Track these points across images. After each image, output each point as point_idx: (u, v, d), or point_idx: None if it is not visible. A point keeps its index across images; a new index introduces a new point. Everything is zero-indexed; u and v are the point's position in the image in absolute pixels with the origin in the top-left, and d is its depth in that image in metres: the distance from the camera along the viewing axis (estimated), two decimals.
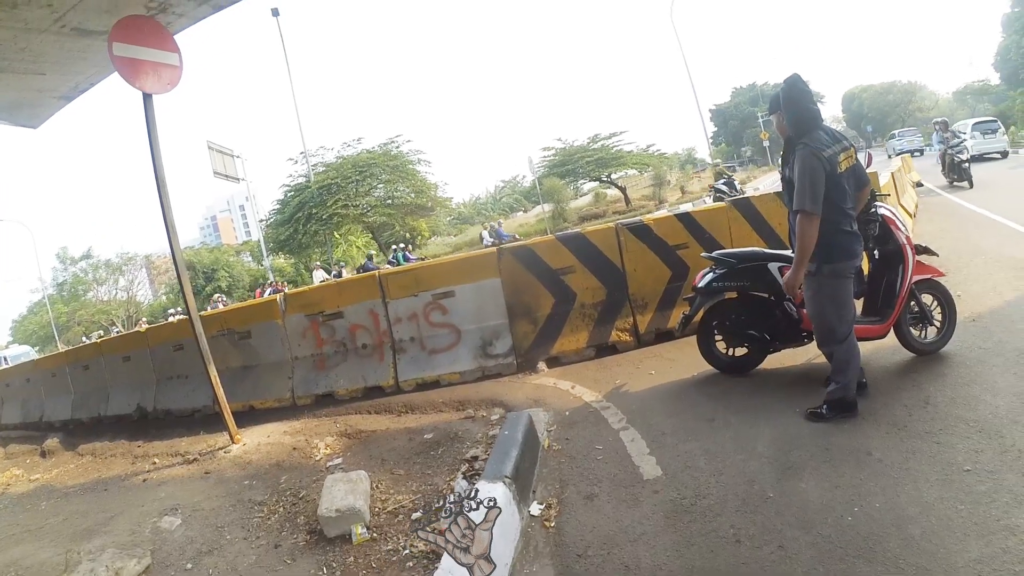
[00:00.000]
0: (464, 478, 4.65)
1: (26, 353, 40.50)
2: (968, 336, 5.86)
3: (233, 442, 6.82)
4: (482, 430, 5.67)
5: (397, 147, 41.37)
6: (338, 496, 4.36)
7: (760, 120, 63.21)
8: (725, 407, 5.35)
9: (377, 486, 4.88)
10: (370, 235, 44.17)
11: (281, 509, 4.96)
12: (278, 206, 41.92)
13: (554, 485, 4.56)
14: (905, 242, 5.41)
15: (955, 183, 19.22)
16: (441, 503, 4.34)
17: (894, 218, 5.50)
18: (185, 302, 6.86)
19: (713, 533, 3.64)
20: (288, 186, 41.28)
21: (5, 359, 37.51)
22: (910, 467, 3.94)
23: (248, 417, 7.88)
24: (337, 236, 41.66)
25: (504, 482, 3.99)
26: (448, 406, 6.72)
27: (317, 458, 5.99)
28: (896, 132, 49.60)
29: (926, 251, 5.80)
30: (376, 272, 8.46)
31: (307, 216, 37.55)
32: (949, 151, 19.52)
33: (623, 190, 47.89)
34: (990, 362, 5.28)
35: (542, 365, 7.41)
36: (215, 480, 6.02)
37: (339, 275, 27.88)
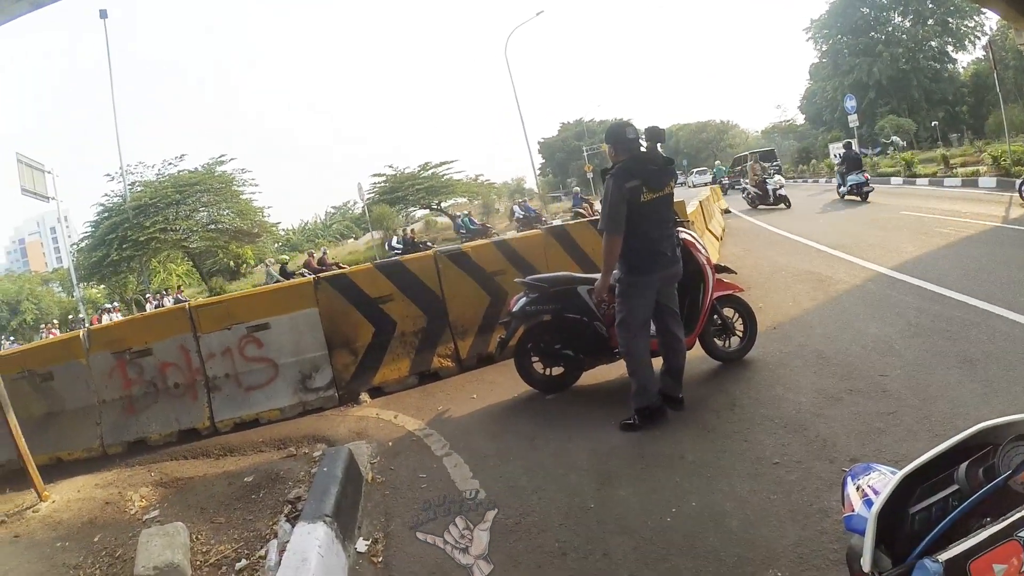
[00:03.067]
0: (287, 520, 4.53)
1: None
2: (770, 343, 6.33)
3: (41, 500, 6.33)
4: (305, 468, 5.53)
5: (222, 167, 39.94)
6: (155, 552, 4.14)
7: (585, 153, 65.67)
8: (545, 425, 5.51)
9: (197, 537, 4.66)
10: (191, 263, 42.35)
11: (97, 571, 4.63)
12: (90, 228, 39.45)
13: (379, 519, 4.53)
14: (705, 263, 5.83)
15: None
16: (264, 549, 4.29)
17: (695, 242, 5.95)
18: None
19: (539, 549, 3.73)
20: (102, 205, 38.87)
21: None
22: (722, 465, 4.20)
23: (56, 470, 7.20)
24: (155, 263, 39.70)
25: (325, 521, 3.93)
26: (268, 445, 6.50)
27: (132, 512, 5.64)
28: (694, 171, 60.17)
29: (725, 270, 6.34)
30: (185, 304, 8.06)
31: (121, 238, 35.45)
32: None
33: (453, 218, 48.30)
34: (791, 364, 5.75)
35: (364, 396, 7.30)
36: (25, 544, 5.57)
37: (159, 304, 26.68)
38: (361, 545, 4.20)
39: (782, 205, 22.15)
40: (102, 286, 46.20)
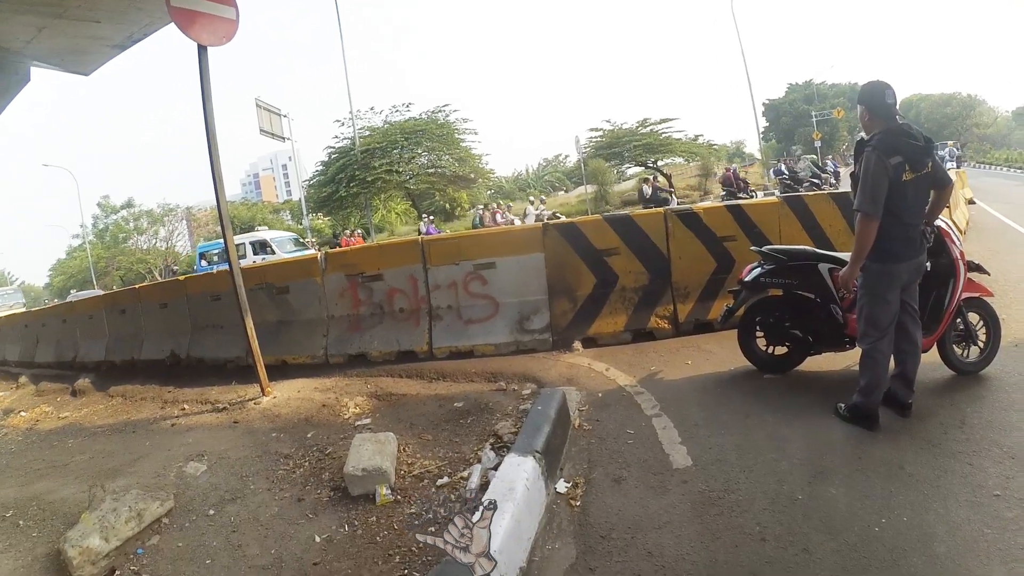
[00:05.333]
0: (492, 449, 4.66)
1: None
2: (1010, 361, 5.68)
3: (264, 394, 6.88)
4: (513, 403, 5.66)
5: (445, 116, 41.21)
6: (365, 456, 4.39)
7: (814, 119, 61.91)
8: (760, 404, 5.29)
9: (404, 449, 4.91)
10: (410, 203, 44.21)
11: (306, 464, 5.01)
12: (321, 167, 41.99)
13: (582, 465, 4.55)
14: (958, 257, 5.21)
15: None
16: (467, 472, 4.36)
17: (950, 231, 5.29)
18: (227, 253, 6.90)
19: (739, 529, 3.62)
20: (333, 148, 41.27)
21: None
22: (941, 485, 3.88)
23: (280, 372, 7.97)
24: (377, 201, 41.68)
25: (535, 456, 4.01)
26: (480, 377, 6.72)
27: (346, 417, 6.02)
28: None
29: (978, 269, 5.63)
30: (419, 238, 8.44)
31: (349, 177, 37.61)
32: None
33: (668, 178, 46.91)
34: None
35: (577, 344, 7.36)
36: (243, 430, 6.07)
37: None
38: (562, 486, 4.24)
39: None
40: (327, 218, 49.24)
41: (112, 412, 8.02)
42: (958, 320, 5.47)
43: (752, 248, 6.29)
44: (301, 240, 31.20)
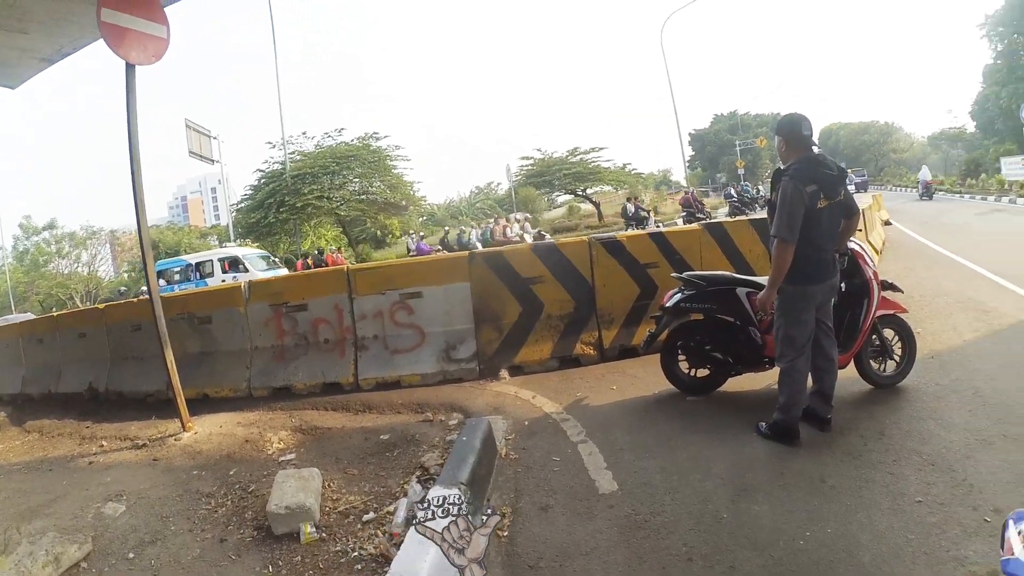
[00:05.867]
0: (419, 482, 4.62)
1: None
2: (926, 372, 5.93)
3: (184, 430, 6.70)
4: (440, 434, 5.64)
5: (376, 141, 41.22)
6: (288, 493, 4.31)
7: (738, 148, 63.48)
8: (684, 426, 5.38)
9: (329, 485, 4.82)
10: (340, 229, 43.95)
11: (229, 502, 4.88)
12: (250, 191, 41.51)
13: (509, 494, 4.53)
14: (871, 277, 5.45)
15: None
16: (393, 506, 4.33)
17: (863, 253, 5.55)
18: (147, 281, 6.74)
19: (666, 551, 3.65)
20: (262, 171, 40.86)
21: None
22: (863, 495, 3.99)
23: (202, 405, 7.76)
24: (307, 227, 41.38)
25: (460, 488, 3.94)
26: (407, 408, 6.67)
27: (269, 452, 5.90)
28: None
29: (891, 287, 5.84)
30: (345, 267, 8.37)
31: (279, 203, 37.23)
32: None
33: (597, 205, 47.84)
34: (946, 399, 5.35)
35: (504, 373, 7.36)
36: (163, 468, 5.90)
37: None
38: None
39: None
40: (256, 244, 48.81)
41: (28, 449, 7.74)
42: (874, 336, 5.71)
43: (673, 275, 6.42)
44: (273, 258, 30.75)
